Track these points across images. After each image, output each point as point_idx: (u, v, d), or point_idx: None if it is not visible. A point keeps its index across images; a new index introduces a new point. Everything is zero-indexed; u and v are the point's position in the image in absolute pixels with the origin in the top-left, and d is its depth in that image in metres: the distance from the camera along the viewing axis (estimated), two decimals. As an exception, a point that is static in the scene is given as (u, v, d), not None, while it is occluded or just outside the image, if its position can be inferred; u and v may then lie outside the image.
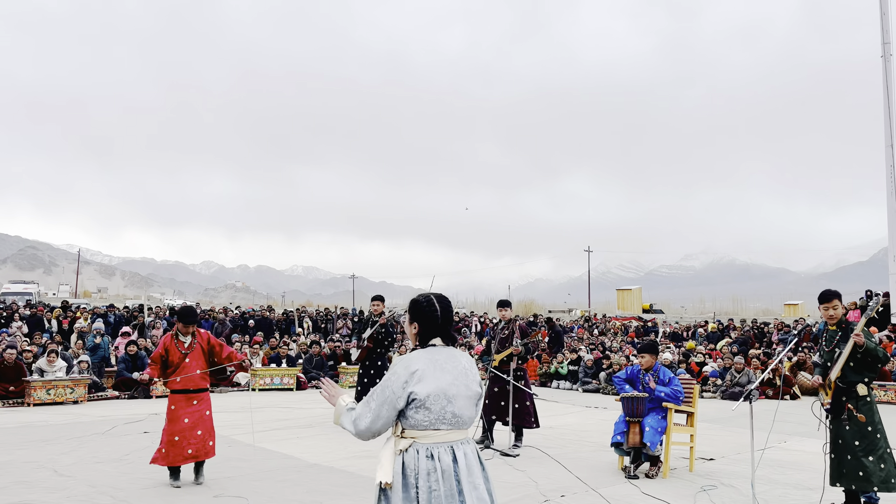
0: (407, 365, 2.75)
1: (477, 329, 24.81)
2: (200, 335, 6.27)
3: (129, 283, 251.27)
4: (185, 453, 5.97)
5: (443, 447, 2.73)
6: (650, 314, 39.89)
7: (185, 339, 6.20)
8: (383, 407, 2.72)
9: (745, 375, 13.80)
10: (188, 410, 6.08)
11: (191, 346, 6.17)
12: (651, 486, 6.32)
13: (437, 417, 2.72)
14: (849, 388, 5.36)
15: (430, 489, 2.65)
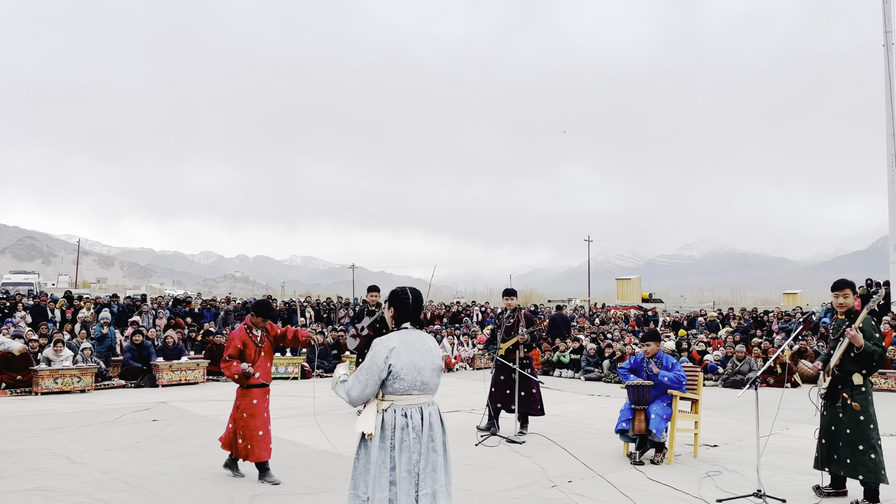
0: (386, 344, 3.41)
1: (478, 318, 24.90)
2: (269, 327, 6.23)
3: (127, 274, 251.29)
4: (269, 447, 5.96)
5: (413, 408, 3.42)
6: (649, 303, 40.03)
7: (258, 333, 6.18)
8: (370, 378, 3.36)
9: (747, 363, 13.90)
10: (265, 405, 6.09)
11: (263, 339, 6.16)
12: (656, 472, 6.42)
13: (409, 385, 3.40)
14: (845, 377, 5.45)
15: (401, 440, 3.34)
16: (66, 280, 71.51)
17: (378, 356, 3.36)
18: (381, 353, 3.37)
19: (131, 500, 5.30)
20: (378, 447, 3.31)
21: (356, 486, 3.36)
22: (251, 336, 6.08)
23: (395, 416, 3.35)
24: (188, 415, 9.59)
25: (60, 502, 5.23)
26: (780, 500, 5.39)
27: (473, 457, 7.05)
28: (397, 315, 3.54)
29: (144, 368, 13.15)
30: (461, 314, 24.67)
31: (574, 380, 15.65)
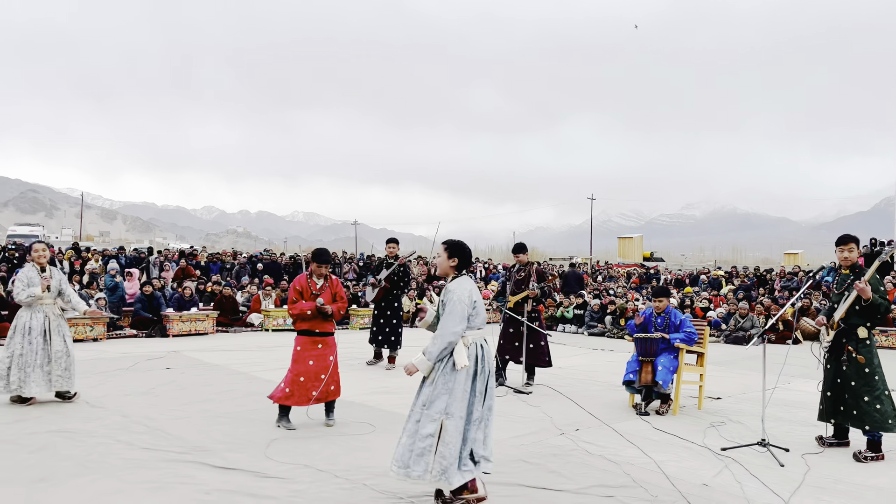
0: (467, 287, 4.07)
1: (482, 275, 25.04)
2: (332, 280, 6.34)
3: (130, 228, 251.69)
4: (310, 395, 6.03)
5: (481, 340, 4.14)
6: (651, 262, 40.13)
7: (318, 281, 6.30)
8: (463, 315, 3.98)
9: (749, 320, 14.05)
10: (313, 353, 6.14)
11: (322, 288, 6.27)
12: (662, 422, 6.57)
13: (481, 320, 4.12)
14: (850, 330, 5.55)
15: (481, 367, 4.08)
16: (70, 233, 71.66)
17: (464, 296, 3.98)
18: (465, 293, 4.01)
19: (152, 442, 5.45)
20: (464, 374, 3.94)
21: (431, 406, 3.93)
22: (310, 283, 6.26)
23: (476, 348, 4.06)
24: (201, 364, 9.75)
25: (83, 443, 5.38)
26: (784, 448, 5.54)
27: (482, 406, 7.19)
28: (459, 263, 4.14)
29: (155, 319, 13.32)
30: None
31: (577, 335, 15.85)
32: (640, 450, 5.53)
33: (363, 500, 4.24)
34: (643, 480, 4.73)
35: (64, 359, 6.85)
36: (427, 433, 3.90)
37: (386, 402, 7.15)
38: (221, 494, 4.27)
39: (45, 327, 6.85)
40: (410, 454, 3.92)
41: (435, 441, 3.88)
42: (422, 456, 3.87)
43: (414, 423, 3.99)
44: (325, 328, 6.22)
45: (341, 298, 6.39)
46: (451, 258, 4.13)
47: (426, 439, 3.90)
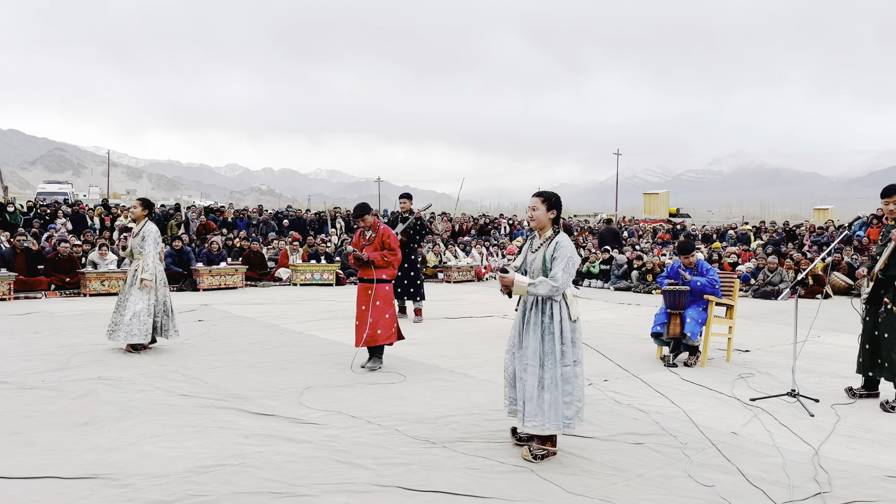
0: (571, 243, 4.19)
1: (506, 231, 25.00)
2: (381, 231, 6.65)
3: (156, 186, 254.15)
4: (361, 336, 6.44)
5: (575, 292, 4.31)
6: (677, 218, 39.69)
7: (367, 233, 6.71)
8: (573, 270, 4.12)
9: (778, 274, 13.91)
10: (364, 299, 6.53)
11: (370, 239, 6.66)
12: (690, 374, 6.59)
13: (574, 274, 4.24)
14: (889, 281, 5.48)
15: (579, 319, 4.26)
16: (97, 191, 72.55)
17: (573, 253, 4.14)
18: (573, 249, 4.16)
19: (190, 390, 5.60)
20: (571, 325, 4.13)
21: (564, 356, 4.09)
22: (362, 237, 6.73)
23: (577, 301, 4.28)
24: (232, 316, 9.94)
25: (124, 390, 5.55)
26: (814, 399, 5.54)
27: (510, 357, 7.26)
28: (556, 217, 4.24)
29: (185, 273, 13.55)
30: (489, 226, 24.76)
31: (603, 290, 15.83)
32: (669, 399, 5.57)
33: (397, 444, 4.33)
34: (672, 429, 4.77)
35: (131, 313, 7.07)
36: (568, 381, 4.08)
37: (414, 353, 7.25)
38: (259, 438, 4.39)
39: (128, 280, 7.26)
40: (555, 405, 4.03)
41: (573, 388, 4.10)
42: (568, 405, 4.06)
43: (551, 378, 4.05)
44: (369, 275, 6.57)
45: (388, 247, 6.63)
46: (550, 210, 4.20)
47: (566, 387, 4.07)
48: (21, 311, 10.10)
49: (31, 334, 8.06)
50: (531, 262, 4.26)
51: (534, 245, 4.29)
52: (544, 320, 4.12)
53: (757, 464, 4.12)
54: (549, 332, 4.10)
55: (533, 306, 4.18)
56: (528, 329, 4.19)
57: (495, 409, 5.18)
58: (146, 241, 7.21)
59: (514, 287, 4.11)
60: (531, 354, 4.12)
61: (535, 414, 4.05)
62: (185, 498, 3.43)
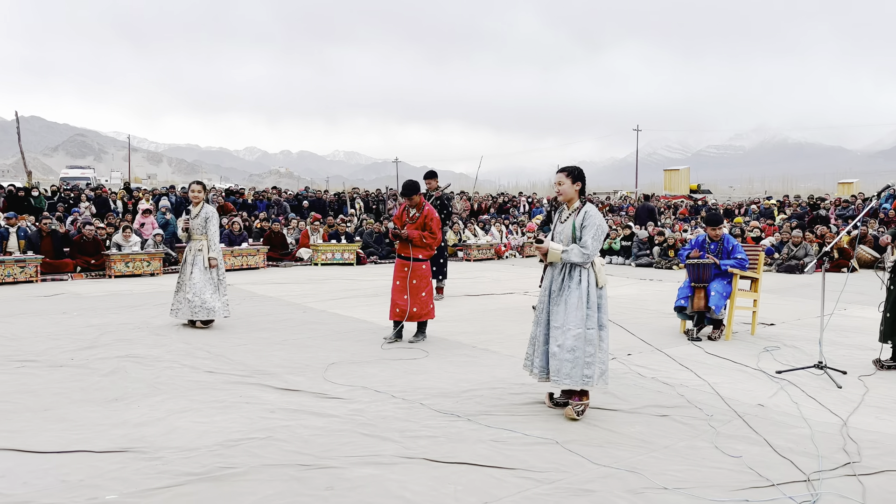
0: (600, 213, 4.35)
1: (525, 209, 24.90)
2: (424, 211, 6.73)
3: (176, 170, 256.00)
4: (395, 311, 6.66)
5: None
6: (698, 194, 39.27)
7: (412, 211, 6.80)
8: (601, 238, 4.31)
9: (803, 248, 13.73)
10: (400, 275, 6.68)
11: (413, 217, 6.76)
12: (714, 347, 6.55)
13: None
14: None
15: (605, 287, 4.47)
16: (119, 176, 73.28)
17: (603, 221, 4.34)
18: (602, 218, 4.34)
19: (216, 366, 5.66)
20: (597, 291, 4.34)
21: (588, 319, 4.26)
22: (406, 213, 6.85)
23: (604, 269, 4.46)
24: (255, 296, 10.01)
25: (152, 367, 5.63)
26: (841, 371, 5.47)
27: (532, 333, 7.25)
28: (582, 188, 4.44)
29: (207, 254, 13.66)
30: (507, 205, 24.68)
31: (625, 266, 15.74)
32: (693, 373, 5.54)
33: (422, 417, 4.36)
34: (697, 401, 4.74)
35: (196, 290, 7.31)
36: (591, 343, 4.27)
37: (436, 330, 7.26)
38: (285, 413, 4.43)
39: (189, 260, 7.47)
40: (574, 364, 4.25)
41: (595, 350, 4.29)
42: (589, 365, 4.26)
43: (573, 337, 4.25)
44: (407, 253, 6.69)
45: (429, 229, 6.72)
46: (576, 182, 4.41)
47: (588, 348, 4.27)
48: (49, 292, 10.26)
49: (60, 314, 8.19)
50: (560, 232, 4.46)
51: (562, 216, 4.52)
52: (571, 285, 4.32)
53: (784, 435, 4.08)
54: (576, 298, 4.29)
55: (561, 274, 4.39)
56: (554, 296, 4.40)
57: (518, 382, 5.19)
58: (210, 221, 7.47)
59: (549, 254, 4.33)
60: (558, 317, 4.34)
61: (556, 370, 4.31)
62: (214, 470, 3.47)
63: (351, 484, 3.34)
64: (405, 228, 6.72)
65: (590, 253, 4.25)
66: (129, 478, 3.38)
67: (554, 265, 4.44)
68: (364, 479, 3.39)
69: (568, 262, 4.30)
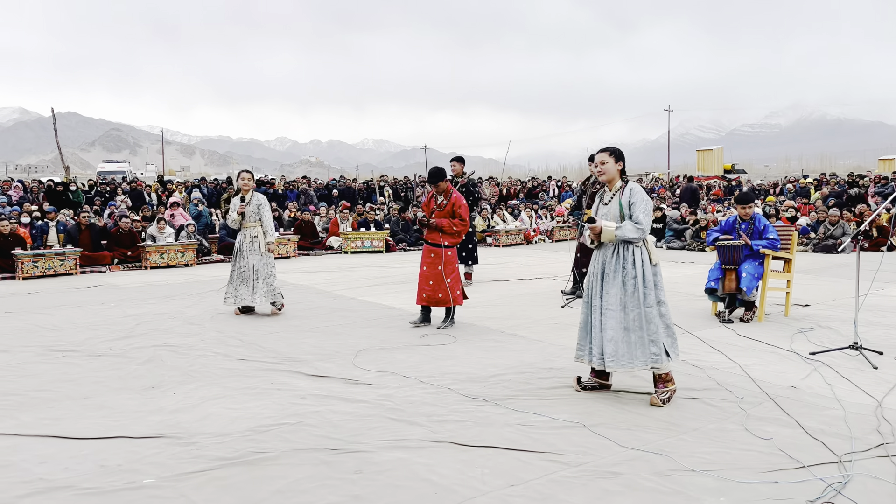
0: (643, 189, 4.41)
1: (555, 193, 24.73)
2: (452, 198, 6.77)
3: (208, 162, 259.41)
4: (421, 297, 6.75)
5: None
6: (732, 174, 38.54)
7: (439, 198, 6.85)
8: (651, 213, 4.35)
9: (840, 227, 13.43)
10: (426, 261, 6.76)
11: (441, 204, 6.81)
12: (746, 329, 6.46)
13: None
14: None
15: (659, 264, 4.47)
16: (153, 169, 74.61)
17: (648, 197, 4.38)
18: (646, 194, 4.37)
19: (248, 354, 5.77)
20: (652, 269, 4.34)
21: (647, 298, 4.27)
22: (433, 200, 6.90)
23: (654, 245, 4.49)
24: (286, 284, 10.09)
25: (186, 355, 5.76)
26: (877, 352, 5.37)
27: (560, 317, 7.25)
28: (623, 167, 4.44)
29: (239, 244, 13.87)
30: (537, 189, 24.53)
31: (656, 248, 15.55)
32: (724, 355, 5.48)
33: (449, 402, 4.39)
34: (728, 383, 4.70)
35: (251, 276, 7.50)
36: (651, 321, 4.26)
37: (464, 315, 7.28)
38: (316, 399, 4.51)
39: (241, 248, 7.64)
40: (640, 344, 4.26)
41: (657, 327, 4.27)
42: (654, 343, 4.25)
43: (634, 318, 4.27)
44: (434, 240, 6.75)
45: (458, 216, 6.75)
46: (618, 162, 4.41)
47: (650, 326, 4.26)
48: (87, 284, 10.52)
49: (98, 305, 8.41)
50: (605, 213, 4.44)
51: (605, 198, 4.51)
52: (625, 266, 4.31)
53: (817, 417, 4.03)
54: (632, 277, 4.29)
55: (612, 255, 4.36)
56: (608, 277, 4.37)
57: (546, 367, 5.20)
58: (263, 208, 7.62)
59: (602, 233, 4.29)
60: (613, 299, 4.31)
61: (622, 355, 4.28)
62: (246, 455, 3.56)
63: (379, 468, 3.39)
64: (433, 216, 6.77)
65: (644, 227, 4.25)
66: (165, 462, 3.48)
67: (605, 246, 4.40)
68: (392, 463, 3.44)
69: (622, 240, 4.27)
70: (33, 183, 18.72)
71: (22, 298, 9.16)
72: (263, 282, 7.48)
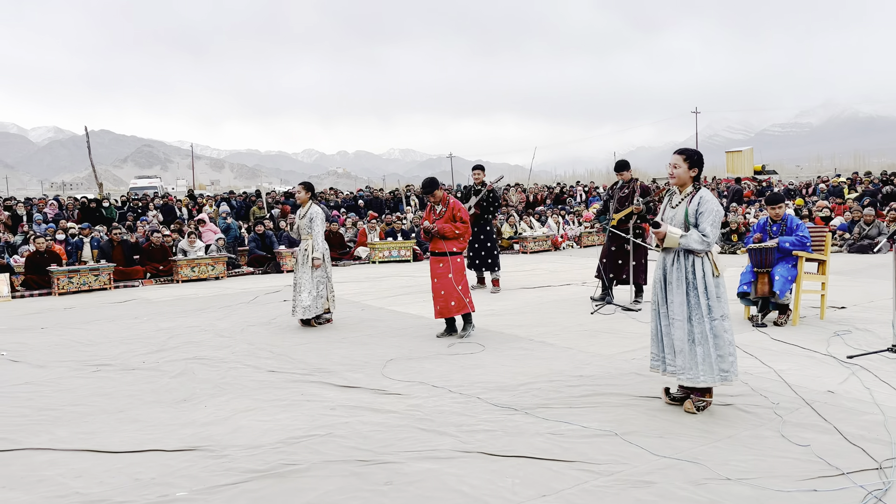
0: (715, 199, 4.20)
1: (582, 198, 24.59)
2: (451, 204, 6.75)
3: (237, 175, 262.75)
4: (437, 309, 6.67)
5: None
6: (763, 175, 37.92)
7: (438, 208, 6.83)
8: (719, 225, 4.19)
9: (876, 227, 13.13)
10: (437, 272, 6.68)
11: (440, 213, 6.78)
12: (780, 333, 6.34)
13: None
14: None
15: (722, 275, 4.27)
16: (184, 184, 75.85)
17: (720, 207, 4.19)
18: (718, 204, 4.20)
19: (278, 366, 5.81)
20: (714, 280, 4.16)
21: (712, 311, 4.12)
22: (432, 212, 6.87)
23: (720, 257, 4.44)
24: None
25: (217, 367, 5.82)
26: (918, 354, 5.22)
27: (590, 323, 7.18)
28: (698, 174, 4.26)
29: (269, 256, 14.02)
30: (564, 195, 24.42)
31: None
32: (758, 359, 5.38)
33: (479, 411, 4.37)
34: (762, 389, 4.61)
35: (305, 288, 7.53)
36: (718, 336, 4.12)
37: (493, 324, 7.27)
38: (345, 409, 4.52)
39: (300, 260, 7.69)
40: (705, 359, 4.12)
41: (725, 342, 4.13)
42: (723, 359, 4.12)
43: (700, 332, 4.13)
44: (440, 248, 6.68)
45: (460, 220, 6.70)
46: (692, 168, 4.23)
47: (717, 341, 4.12)
48: (121, 298, 10.70)
49: (132, 319, 8.54)
50: (671, 217, 4.29)
51: (673, 201, 4.34)
52: (688, 276, 4.18)
53: (855, 422, 3.93)
54: (694, 288, 4.16)
55: (674, 262, 4.23)
56: (671, 286, 4.25)
57: (576, 374, 5.15)
58: (315, 222, 7.64)
59: (667, 239, 4.14)
60: (677, 309, 4.20)
61: (688, 367, 4.16)
62: (277, 467, 3.57)
63: (409, 479, 3.38)
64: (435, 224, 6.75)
65: (710, 239, 4.09)
66: (198, 475, 3.52)
67: (667, 251, 4.25)
68: (422, 474, 3.43)
69: (686, 249, 4.13)
70: (69, 200, 19.15)
71: (58, 314, 9.35)
72: (308, 295, 7.48)
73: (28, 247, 12.78)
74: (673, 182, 4.32)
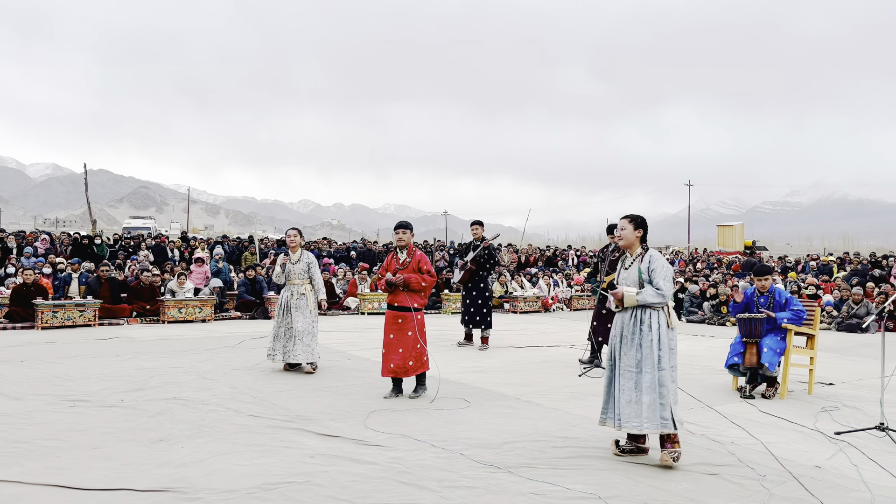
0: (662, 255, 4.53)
1: (574, 262, 24.72)
2: (416, 255, 6.39)
3: (232, 221, 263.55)
4: (389, 367, 6.26)
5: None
6: (753, 251, 38.32)
7: (402, 256, 6.42)
8: (671, 279, 4.40)
9: (864, 306, 13.20)
10: (393, 327, 6.29)
11: (404, 263, 6.36)
12: (769, 406, 6.29)
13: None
14: None
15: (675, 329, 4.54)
16: (178, 227, 75.84)
17: (668, 263, 4.48)
18: (666, 261, 4.48)
19: (259, 411, 5.71)
20: (668, 332, 4.41)
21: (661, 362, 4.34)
22: (395, 258, 6.47)
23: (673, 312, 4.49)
24: (301, 343, 10.10)
25: (197, 409, 5.70)
26: (905, 433, 5.18)
27: (577, 386, 7.12)
28: (643, 235, 4.58)
29: (258, 301, 13.93)
30: (556, 258, 24.55)
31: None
32: (746, 431, 5.32)
33: (461, 468, 4.28)
34: (749, 460, 4.54)
35: (296, 333, 7.49)
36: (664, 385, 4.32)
37: (479, 380, 7.19)
38: (325, 458, 4.42)
39: (288, 304, 7.63)
40: (650, 407, 4.30)
41: (668, 392, 4.32)
42: (664, 407, 4.29)
43: (649, 382, 4.33)
44: (401, 302, 6.28)
45: (427, 272, 6.34)
46: (637, 230, 4.57)
47: (662, 390, 4.31)
48: (105, 336, 10.56)
49: (114, 357, 8.42)
50: (625, 279, 4.59)
51: (626, 263, 4.66)
52: (642, 329, 4.42)
53: (842, 498, 3.87)
54: (648, 340, 4.39)
55: (631, 317, 4.49)
56: (625, 340, 4.50)
57: (562, 436, 5.08)
58: (313, 266, 7.68)
59: (625, 299, 4.44)
60: (629, 361, 4.43)
61: (634, 416, 4.36)
62: (251, 513, 3.47)
63: (386, 532, 3.28)
64: (398, 274, 6.31)
65: (665, 293, 4.36)
66: (168, 517, 3.40)
67: (624, 310, 4.53)
68: (400, 528, 3.33)
69: (643, 304, 4.39)
70: (62, 235, 19.10)
71: (39, 348, 9.21)
72: (301, 340, 7.45)
73: (15, 279, 12.68)
74: (621, 244, 4.63)
